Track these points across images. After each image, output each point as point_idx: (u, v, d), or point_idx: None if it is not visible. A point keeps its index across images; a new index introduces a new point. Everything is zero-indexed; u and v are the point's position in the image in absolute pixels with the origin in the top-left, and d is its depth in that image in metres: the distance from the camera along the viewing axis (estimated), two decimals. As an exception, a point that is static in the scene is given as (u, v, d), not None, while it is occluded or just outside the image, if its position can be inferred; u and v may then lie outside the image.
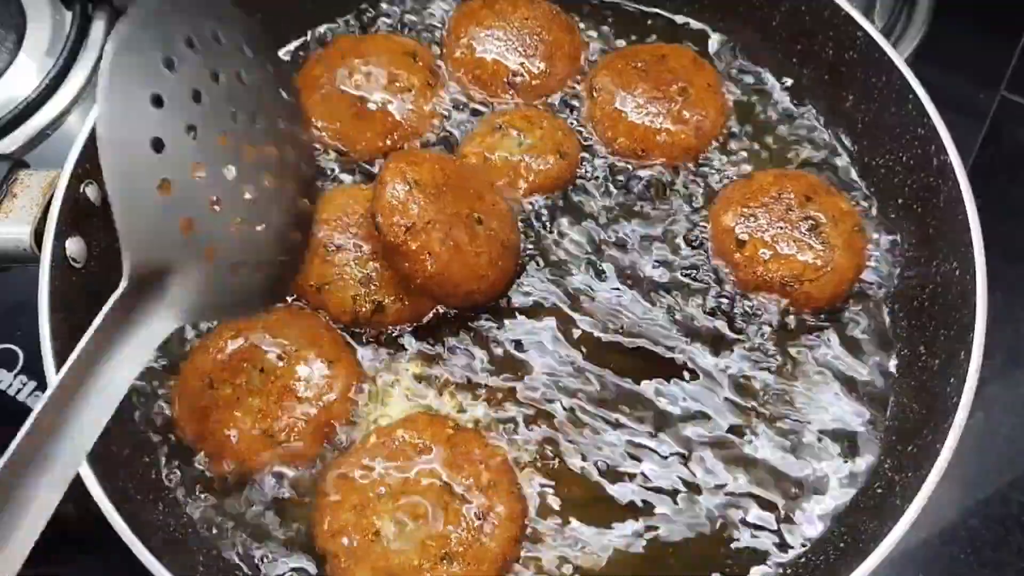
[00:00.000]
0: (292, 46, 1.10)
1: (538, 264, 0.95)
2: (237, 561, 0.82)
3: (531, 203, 0.97)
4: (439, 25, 1.11)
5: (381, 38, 1.07)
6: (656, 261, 0.96)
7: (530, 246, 0.96)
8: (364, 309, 0.89)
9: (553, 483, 0.85)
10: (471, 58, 1.05)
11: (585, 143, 1.02)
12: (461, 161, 0.96)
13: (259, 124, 0.76)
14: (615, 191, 0.99)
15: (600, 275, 0.95)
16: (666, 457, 0.86)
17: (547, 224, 0.97)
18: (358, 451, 0.83)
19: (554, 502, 0.84)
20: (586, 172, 1.00)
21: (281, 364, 0.85)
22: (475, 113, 1.04)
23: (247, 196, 0.74)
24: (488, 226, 0.88)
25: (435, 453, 0.81)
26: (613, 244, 0.96)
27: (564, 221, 0.97)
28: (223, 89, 0.72)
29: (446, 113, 1.03)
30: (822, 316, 0.93)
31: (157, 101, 0.65)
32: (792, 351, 0.92)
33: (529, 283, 0.94)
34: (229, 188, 0.73)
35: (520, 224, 0.96)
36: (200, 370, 0.86)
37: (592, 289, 0.94)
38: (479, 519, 0.79)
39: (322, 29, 1.10)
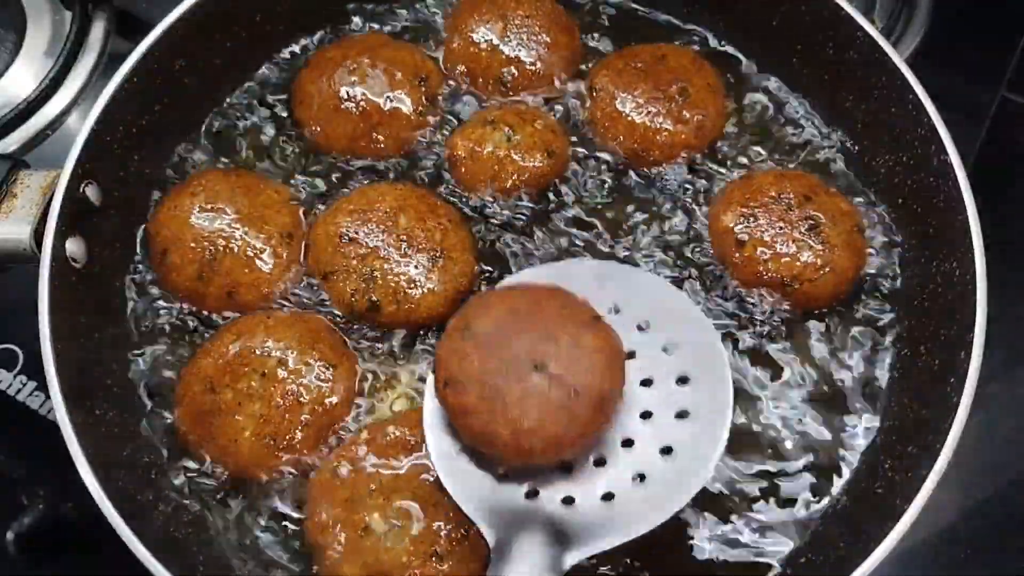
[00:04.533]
0: (303, 42, 1.09)
1: (532, 263, 0.95)
2: (237, 561, 0.83)
3: (523, 200, 0.97)
4: (439, 16, 1.11)
5: (376, 40, 1.07)
6: (655, 261, 0.96)
7: (524, 245, 0.96)
8: (360, 305, 0.89)
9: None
10: (467, 51, 1.05)
11: (584, 143, 1.02)
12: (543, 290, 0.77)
13: None
14: (614, 191, 0.99)
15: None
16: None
17: (542, 223, 0.97)
18: (349, 447, 0.83)
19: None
20: (585, 172, 1.00)
21: (282, 368, 0.85)
22: (468, 107, 1.04)
23: None
24: (552, 373, 0.69)
25: (425, 450, 0.81)
26: (611, 244, 0.96)
27: (561, 221, 0.97)
28: None
29: (442, 107, 1.03)
30: (822, 316, 0.93)
31: None
32: (791, 351, 0.92)
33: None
34: None
35: (511, 220, 0.96)
36: (201, 374, 0.86)
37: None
38: None
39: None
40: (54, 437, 0.76)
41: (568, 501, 0.73)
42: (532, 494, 0.73)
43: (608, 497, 0.73)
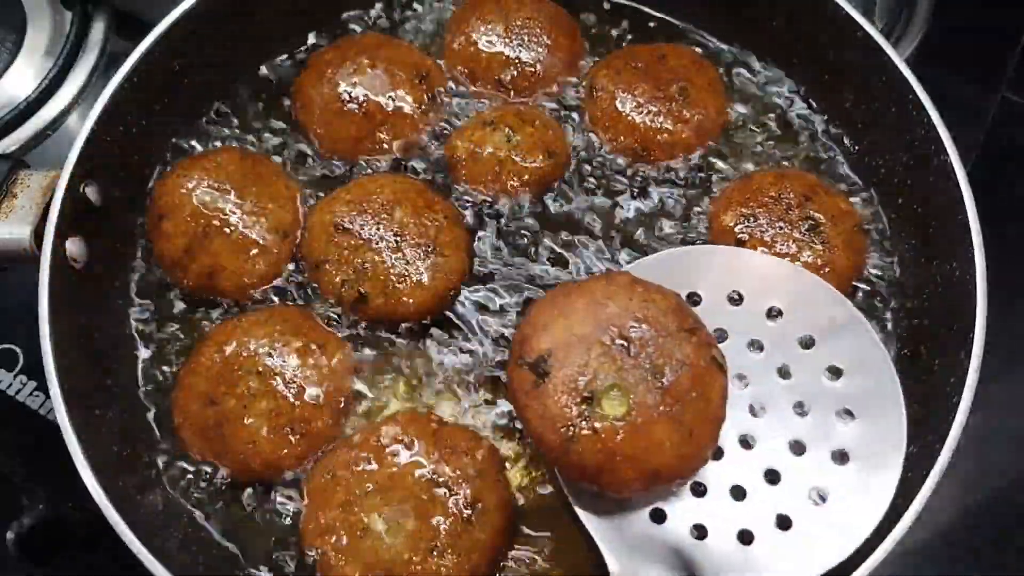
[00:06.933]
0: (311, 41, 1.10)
1: (532, 261, 0.95)
2: (237, 561, 0.82)
3: (523, 201, 0.98)
4: (440, 17, 1.11)
5: (374, 40, 1.07)
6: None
7: (523, 245, 0.96)
8: (349, 295, 0.89)
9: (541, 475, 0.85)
10: (468, 51, 1.05)
11: (584, 143, 1.02)
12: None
13: None
14: (614, 191, 0.99)
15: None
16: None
17: (541, 223, 0.97)
18: (343, 449, 0.83)
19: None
20: (585, 172, 1.00)
21: (274, 360, 0.85)
22: (468, 106, 1.04)
23: None
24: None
25: (419, 447, 0.81)
26: (611, 244, 0.96)
27: (561, 221, 0.97)
28: None
29: (443, 107, 1.03)
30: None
31: None
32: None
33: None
34: None
35: (510, 220, 0.97)
36: (195, 391, 0.85)
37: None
38: (467, 510, 0.79)
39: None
40: (54, 437, 0.76)
41: (700, 532, 0.67)
42: (659, 517, 0.68)
43: (746, 538, 0.67)
